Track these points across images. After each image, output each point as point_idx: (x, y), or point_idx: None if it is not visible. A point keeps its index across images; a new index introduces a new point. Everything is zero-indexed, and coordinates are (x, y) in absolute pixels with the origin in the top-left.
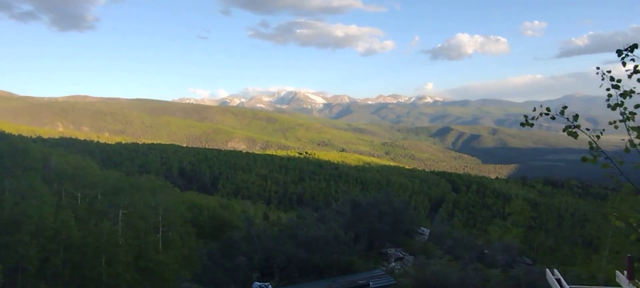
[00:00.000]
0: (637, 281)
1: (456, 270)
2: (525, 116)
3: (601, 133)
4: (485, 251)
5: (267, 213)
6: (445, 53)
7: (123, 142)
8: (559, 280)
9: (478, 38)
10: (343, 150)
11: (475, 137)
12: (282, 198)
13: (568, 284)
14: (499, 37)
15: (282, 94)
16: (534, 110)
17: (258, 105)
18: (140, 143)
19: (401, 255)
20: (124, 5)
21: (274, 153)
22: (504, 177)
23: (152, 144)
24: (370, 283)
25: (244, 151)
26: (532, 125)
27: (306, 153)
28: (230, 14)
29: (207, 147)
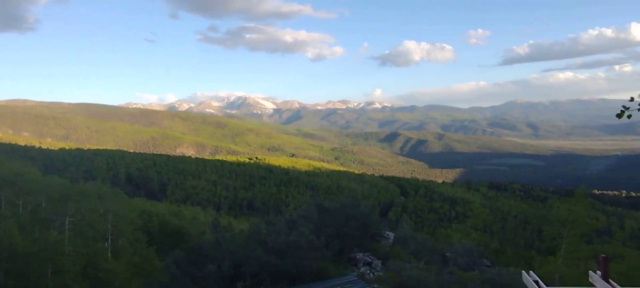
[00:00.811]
0: (611, 281)
1: (433, 274)
2: (624, 107)
3: None
4: (447, 254)
5: (218, 220)
6: (393, 60)
7: (67, 147)
8: (536, 282)
9: (425, 45)
10: (293, 155)
11: (422, 142)
12: (233, 204)
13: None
14: (445, 45)
15: (232, 99)
16: (632, 99)
17: (207, 110)
18: (85, 148)
19: (369, 260)
20: (67, 6)
21: (224, 159)
22: (450, 181)
23: (98, 149)
24: None
25: (193, 157)
26: (630, 116)
27: (256, 158)
28: (178, 17)
29: (155, 152)
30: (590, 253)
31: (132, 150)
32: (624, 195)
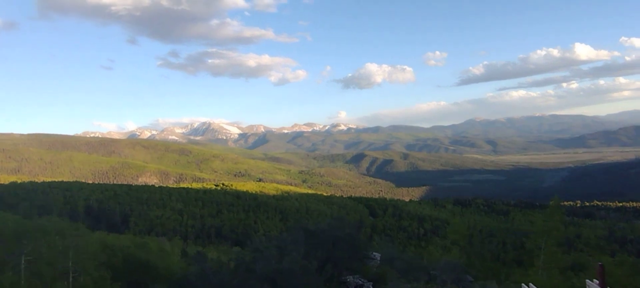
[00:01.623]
0: None
1: None
2: None
3: None
4: (432, 272)
5: (186, 250)
6: (356, 82)
7: (18, 181)
8: None
9: (386, 67)
10: (260, 180)
11: (388, 162)
12: (200, 232)
13: None
14: (405, 67)
15: (196, 124)
16: None
17: (170, 137)
18: (39, 181)
19: (360, 282)
20: (17, 32)
21: (190, 186)
22: (417, 199)
23: (53, 181)
24: None
25: (156, 185)
26: None
27: (223, 184)
28: (137, 43)
29: (116, 182)
30: (565, 263)
31: (90, 181)
32: (578, 205)
